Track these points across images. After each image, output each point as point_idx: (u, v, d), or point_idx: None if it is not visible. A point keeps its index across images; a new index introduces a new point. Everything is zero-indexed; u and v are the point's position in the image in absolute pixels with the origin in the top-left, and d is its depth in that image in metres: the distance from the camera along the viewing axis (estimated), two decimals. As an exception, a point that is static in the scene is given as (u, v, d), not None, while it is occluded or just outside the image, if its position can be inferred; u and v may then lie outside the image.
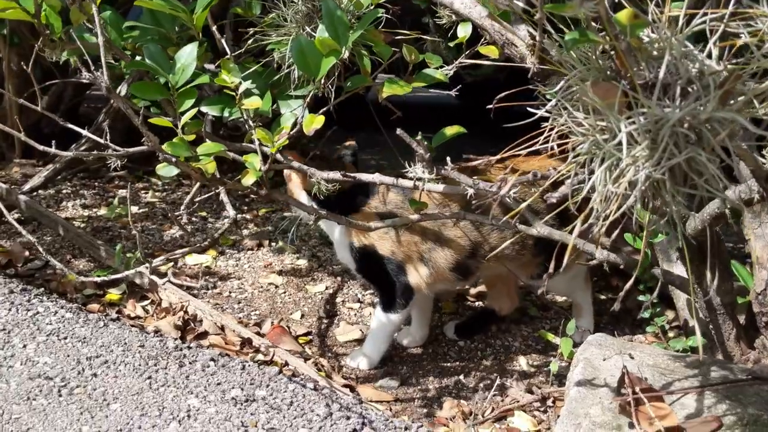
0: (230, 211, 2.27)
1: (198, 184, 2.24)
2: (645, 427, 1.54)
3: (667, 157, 1.05)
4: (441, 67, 1.98)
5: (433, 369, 2.22)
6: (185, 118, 1.54)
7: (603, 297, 2.73)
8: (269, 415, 1.65)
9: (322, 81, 1.85)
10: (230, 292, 2.60)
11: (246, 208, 3.42)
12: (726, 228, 2.26)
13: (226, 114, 2.01)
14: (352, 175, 1.98)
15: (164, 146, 1.50)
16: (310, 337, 2.36)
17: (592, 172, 1.12)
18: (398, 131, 1.44)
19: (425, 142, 1.46)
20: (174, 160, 1.46)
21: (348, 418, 1.66)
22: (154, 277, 1.71)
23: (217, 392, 1.73)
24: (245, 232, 3.12)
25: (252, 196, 3.59)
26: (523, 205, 1.20)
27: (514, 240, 2.08)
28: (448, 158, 1.53)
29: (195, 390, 1.74)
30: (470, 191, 1.42)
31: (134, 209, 3.29)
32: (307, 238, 3.10)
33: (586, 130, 1.13)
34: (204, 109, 2.06)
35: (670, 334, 2.32)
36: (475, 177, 1.53)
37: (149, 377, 1.78)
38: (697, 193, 1.09)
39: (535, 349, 2.35)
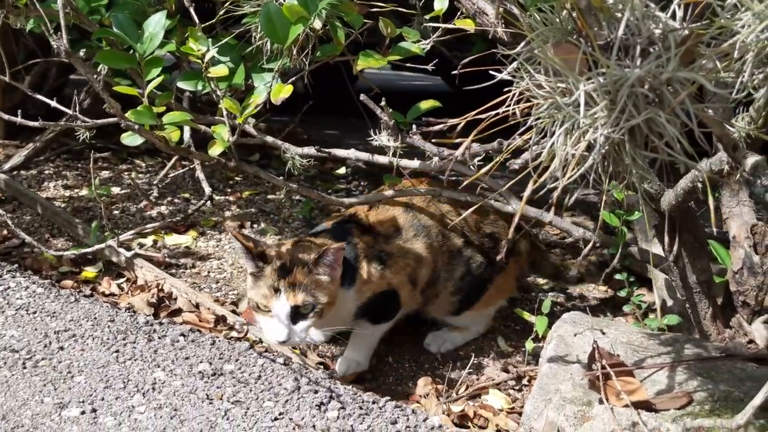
0: (206, 188, 2.26)
1: (174, 160, 2.21)
2: (613, 402, 1.52)
3: (626, 118, 1.03)
4: (418, 41, 1.96)
5: (410, 349, 2.21)
6: (151, 86, 1.52)
7: (586, 282, 2.71)
8: (236, 389, 1.63)
9: (295, 53, 1.83)
10: (209, 272, 2.58)
11: (230, 190, 3.40)
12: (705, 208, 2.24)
13: (199, 88, 1.99)
14: (327, 150, 1.96)
15: (128, 114, 1.47)
16: (287, 316, 2.34)
17: (552, 135, 1.10)
18: (362, 97, 1.41)
19: (390, 110, 1.44)
20: (137, 127, 1.44)
21: (316, 392, 1.64)
22: (122, 250, 1.69)
23: (185, 366, 1.71)
24: (227, 213, 3.09)
25: (237, 178, 3.58)
26: (484, 169, 1.18)
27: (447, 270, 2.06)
28: (414, 126, 1.51)
29: (162, 363, 1.72)
30: (435, 159, 1.40)
31: (116, 190, 3.26)
32: (290, 220, 3.08)
33: (547, 93, 1.11)
34: (180, 84, 2.04)
35: (651, 316, 2.29)
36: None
37: (117, 351, 1.76)
38: (659, 157, 1.07)
39: (514, 330, 2.33)
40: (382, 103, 1.44)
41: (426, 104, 1.87)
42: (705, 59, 1.04)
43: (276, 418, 1.52)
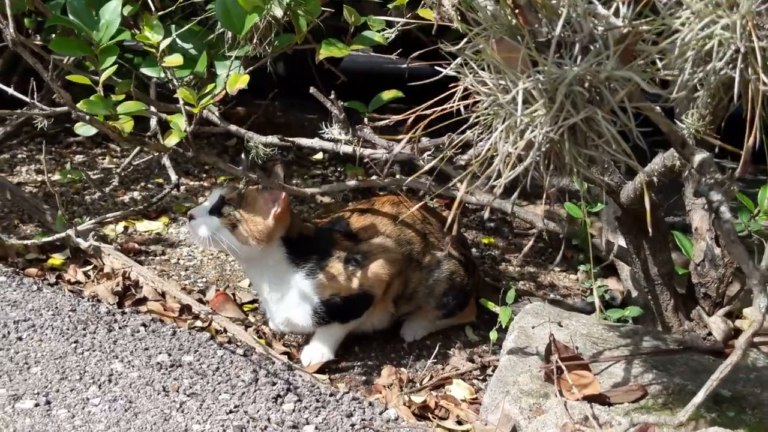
0: (172, 176, 2.24)
1: (138, 147, 2.19)
2: (567, 395, 1.53)
3: (564, 117, 1.02)
4: (383, 30, 1.94)
5: (376, 337, 2.20)
6: (105, 75, 1.50)
7: (557, 269, 2.71)
8: (193, 380, 1.63)
9: (256, 41, 1.81)
10: (179, 259, 2.57)
11: (204, 175, 3.38)
12: (673, 199, 2.24)
13: (162, 75, 1.97)
14: (290, 139, 1.95)
15: (80, 104, 1.45)
16: (256, 305, 2.33)
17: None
18: (311, 90, 1.40)
19: (340, 103, 1.42)
20: (88, 118, 1.42)
21: (273, 384, 1.64)
22: (80, 240, 1.68)
23: (143, 357, 1.71)
24: (200, 199, 3.08)
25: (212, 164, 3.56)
26: (428, 166, 1.17)
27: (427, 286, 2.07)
28: (366, 119, 1.50)
29: (120, 354, 1.71)
30: (384, 153, 1.39)
31: (90, 174, 3.24)
32: (264, 206, 3.07)
33: (490, 90, 1.10)
34: (144, 70, 2.01)
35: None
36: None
37: (75, 341, 1.75)
38: (597, 155, 1.07)
39: (483, 320, 2.33)
40: (332, 96, 1.43)
41: (388, 94, 1.86)
42: (645, 57, 1.03)
43: (231, 411, 1.52)
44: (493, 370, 2.05)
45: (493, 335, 2.05)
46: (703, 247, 1.90)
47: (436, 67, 1.16)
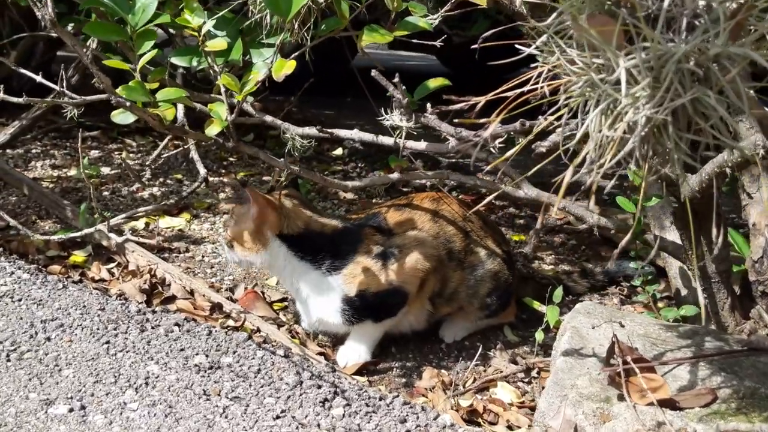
0: (201, 170, 2.15)
1: (167, 140, 2.10)
2: (636, 400, 1.44)
3: (671, 98, 0.93)
4: (426, 16, 1.86)
5: (413, 338, 2.12)
6: (143, 61, 1.41)
7: (591, 266, 2.62)
8: (234, 384, 1.54)
9: (296, 26, 1.72)
10: (203, 256, 2.48)
11: (224, 171, 3.29)
12: (722, 196, 2.16)
13: (194, 63, 1.88)
14: (329, 131, 1.86)
15: (119, 89, 1.36)
16: (286, 303, 2.25)
17: (586, 115, 1.00)
18: (373, 73, 1.31)
19: (403, 87, 1.33)
20: (128, 104, 1.33)
21: (319, 387, 1.55)
22: (113, 235, 1.59)
23: (180, 358, 1.62)
24: (221, 195, 2.99)
25: (231, 159, 3.48)
26: (509, 153, 1.08)
27: (470, 285, 1.98)
28: (429, 105, 1.41)
29: (156, 356, 1.62)
30: (452, 141, 1.30)
31: (106, 170, 3.15)
32: (286, 202, 2.98)
33: (580, 69, 1.01)
34: (173, 60, 1.93)
35: (660, 305, 2.21)
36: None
37: (107, 342, 1.66)
38: (702, 140, 0.98)
39: (521, 319, 2.25)
40: (395, 80, 1.34)
41: (435, 82, 1.77)
42: (756, 33, 0.94)
43: (278, 416, 1.43)
44: (539, 373, 1.96)
45: (539, 336, 1.96)
46: (762, 243, 1.81)
47: (517, 46, 1.07)
